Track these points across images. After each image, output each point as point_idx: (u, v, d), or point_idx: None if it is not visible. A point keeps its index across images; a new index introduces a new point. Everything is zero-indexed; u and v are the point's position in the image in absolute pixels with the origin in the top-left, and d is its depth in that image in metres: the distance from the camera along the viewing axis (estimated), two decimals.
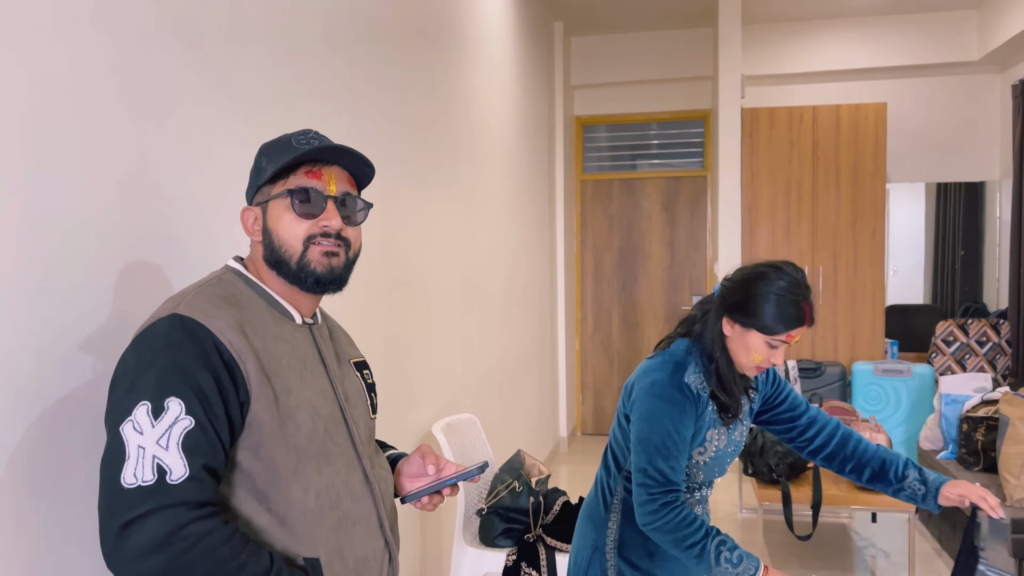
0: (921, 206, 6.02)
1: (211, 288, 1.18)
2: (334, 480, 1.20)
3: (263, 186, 1.24)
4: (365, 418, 1.33)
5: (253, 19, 1.83)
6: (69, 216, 1.27)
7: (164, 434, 1.04)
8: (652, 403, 1.72)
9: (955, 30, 5.68)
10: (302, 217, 1.21)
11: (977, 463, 3.77)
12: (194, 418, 1.05)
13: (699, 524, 1.66)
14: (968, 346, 5.25)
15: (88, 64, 1.31)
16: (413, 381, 2.91)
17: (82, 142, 1.30)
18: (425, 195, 3.05)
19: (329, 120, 2.23)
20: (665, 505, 1.68)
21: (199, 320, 1.11)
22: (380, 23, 2.62)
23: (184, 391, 1.06)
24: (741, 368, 1.78)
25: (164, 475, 1.02)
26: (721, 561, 1.63)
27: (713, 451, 1.80)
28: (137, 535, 1.00)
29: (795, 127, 5.54)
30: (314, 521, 1.16)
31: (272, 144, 1.26)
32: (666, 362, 1.77)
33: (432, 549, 3.14)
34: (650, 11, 5.80)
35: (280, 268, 1.22)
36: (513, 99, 4.62)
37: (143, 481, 1.01)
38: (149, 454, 1.02)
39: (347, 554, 1.20)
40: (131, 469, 1.02)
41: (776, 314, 1.68)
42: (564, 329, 6.24)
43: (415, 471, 1.41)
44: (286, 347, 1.20)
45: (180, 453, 1.04)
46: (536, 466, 3.07)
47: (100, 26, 1.34)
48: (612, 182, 6.65)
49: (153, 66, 1.47)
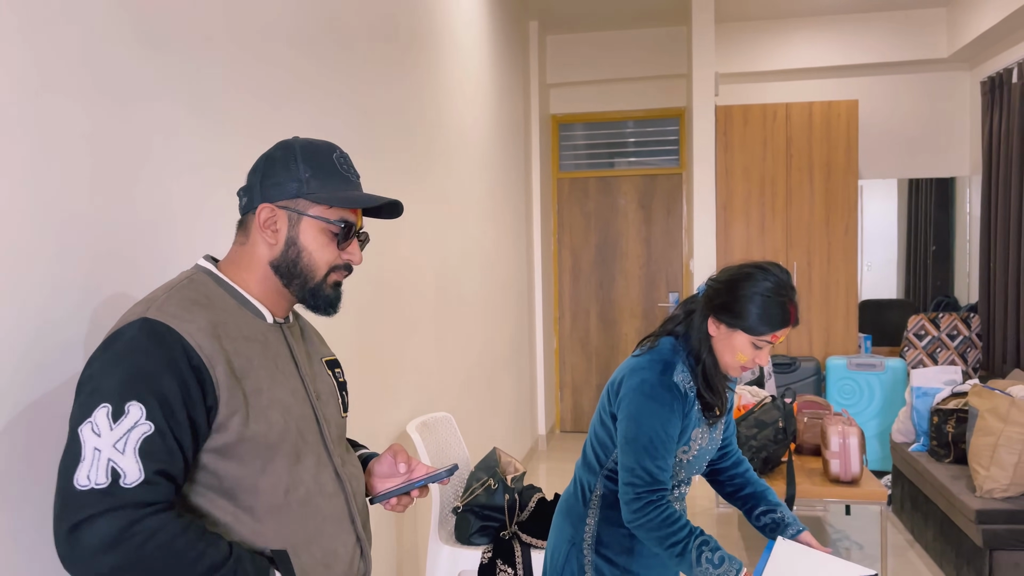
0: (893, 202, 6.09)
1: (181, 290, 1.17)
2: (304, 476, 1.21)
3: (300, 196, 1.23)
4: (336, 416, 1.34)
5: (220, 18, 1.82)
6: (38, 218, 1.25)
7: (122, 438, 1.03)
8: (641, 402, 1.73)
9: (925, 28, 5.75)
10: (337, 246, 1.26)
11: (948, 455, 3.82)
12: (154, 424, 1.05)
13: (683, 524, 1.68)
14: (939, 340, 5.32)
15: (52, 63, 1.29)
16: (388, 380, 2.90)
17: (49, 143, 1.28)
18: (398, 194, 3.05)
19: (298, 118, 2.22)
20: (650, 504, 1.69)
21: (169, 324, 1.10)
22: (350, 20, 2.61)
23: (146, 397, 1.05)
24: (726, 368, 1.79)
25: (118, 478, 1.02)
26: (702, 561, 1.65)
27: (696, 450, 1.82)
28: (88, 535, 0.99)
29: (769, 124, 5.59)
30: (283, 515, 1.17)
31: (316, 153, 1.26)
32: (654, 361, 1.78)
33: (408, 547, 3.14)
34: (625, 10, 5.82)
35: (291, 280, 1.25)
36: (488, 98, 4.62)
37: (96, 483, 1.01)
38: (104, 457, 1.02)
39: (315, 548, 1.20)
40: (84, 471, 1.01)
41: (761, 315, 1.69)
42: (542, 327, 6.25)
43: (386, 471, 1.41)
44: (257, 347, 1.21)
45: (136, 458, 1.03)
46: (512, 463, 3.08)
47: (64, 26, 1.32)
48: (589, 180, 6.67)
49: (118, 66, 1.46)
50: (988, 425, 3.35)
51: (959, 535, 3.46)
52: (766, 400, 3.48)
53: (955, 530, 3.51)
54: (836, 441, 3.17)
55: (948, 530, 3.60)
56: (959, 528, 3.45)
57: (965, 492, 3.42)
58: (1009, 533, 3.21)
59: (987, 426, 3.35)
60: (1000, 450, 3.28)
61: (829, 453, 3.19)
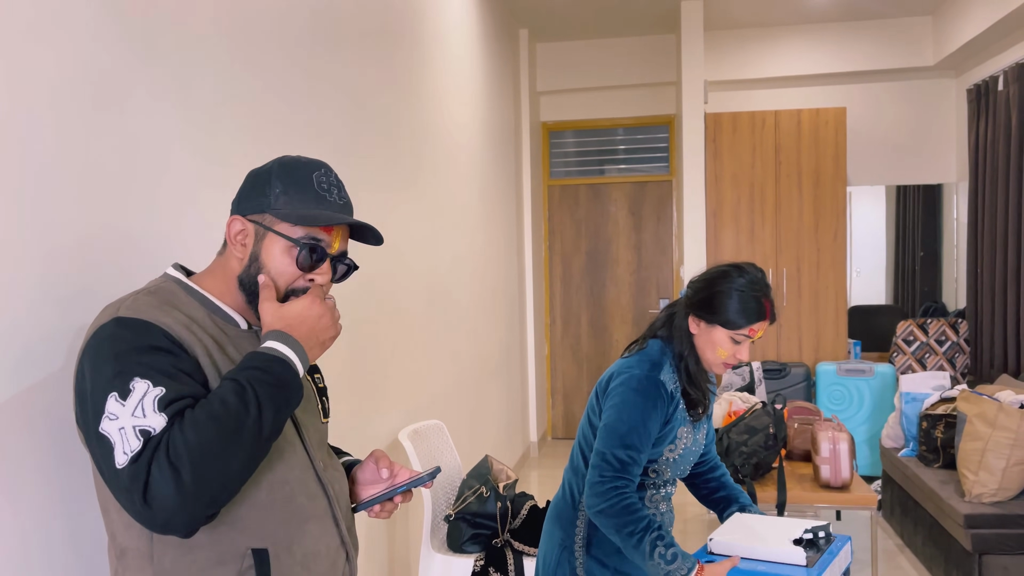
0: (881, 209, 6.13)
1: (148, 296, 1.17)
2: (286, 476, 1.20)
3: (267, 211, 1.21)
4: (315, 422, 1.33)
5: (210, 22, 1.82)
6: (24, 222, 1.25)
7: (137, 406, 1.05)
8: (627, 395, 1.78)
9: (911, 36, 5.80)
10: (299, 268, 1.21)
11: (937, 460, 3.85)
12: (163, 386, 1.07)
13: (642, 516, 1.71)
14: (928, 345, 5.35)
15: (39, 67, 1.29)
16: (378, 388, 2.90)
17: (35, 147, 1.28)
18: (388, 201, 3.05)
19: (288, 124, 2.22)
20: (614, 489, 1.72)
21: (143, 318, 1.11)
22: (339, 28, 2.61)
23: (145, 371, 1.07)
24: (708, 365, 1.85)
25: (149, 435, 1.03)
26: (655, 556, 1.68)
27: (682, 449, 1.87)
28: (155, 489, 1.01)
29: (757, 132, 5.62)
30: (263, 514, 1.17)
31: (292, 172, 1.22)
32: (643, 360, 1.84)
33: (400, 556, 3.13)
34: (614, 18, 5.85)
35: (251, 297, 1.22)
36: (478, 105, 4.63)
37: (132, 451, 1.02)
38: (129, 428, 1.03)
39: (296, 548, 1.20)
40: (120, 451, 1.03)
41: (738, 309, 1.77)
42: (533, 334, 6.26)
43: (369, 478, 1.41)
44: (230, 349, 1.20)
45: (156, 411, 1.05)
46: (503, 471, 3.08)
47: (52, 29, 1.32)
48: (579, 187, 6.69)
49: (106, 69, 1.46)
50: (976, 430, 3.37)
51: (948, 539, 3.48)
52: (756, 406, 3.50)
53: (944, 535, 3.53)
54: (826, 447, 3.19)
55: (937, 535, 3.62)
56: (948, 533, 3.47)
57: (954, 497, 3.44)
58: (997, 537, 3.23)
59: (975, 431, 3.37)
60: (988, 455, 3.30)
61: (819, 459, 3.21)
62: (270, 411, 1.08)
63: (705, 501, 2.11)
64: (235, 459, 1.05)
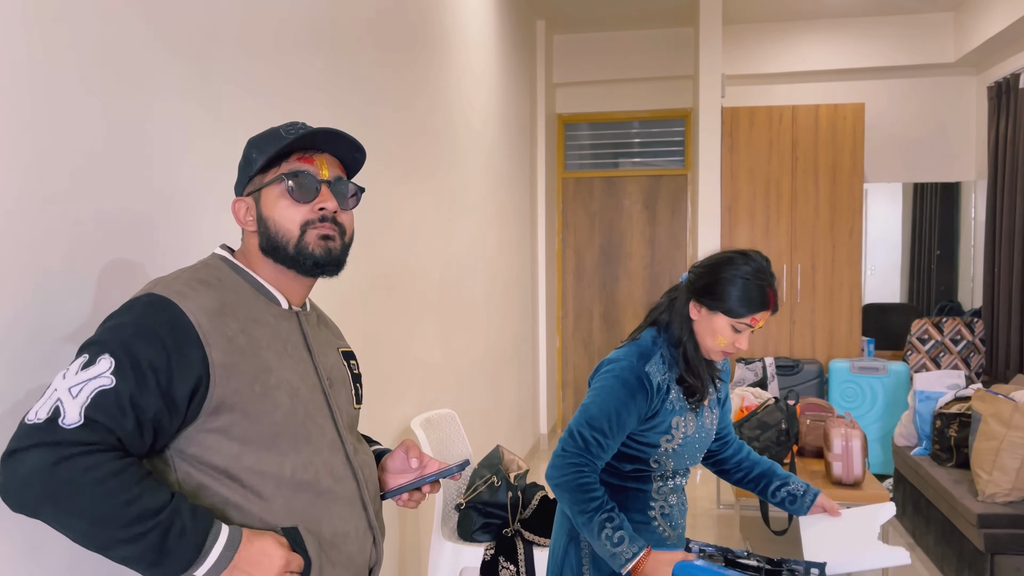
0: (898, 206, 6.08)
1: (193, 272, 1.19)
2: (313, 458, 1.21)
3: (254, 176, 1.25)
4: (348, 406, 1.34)
5: (232, 15, 1.83)
6: (48, 212, 1.26)
7: (79, 384, 1.04)
8: (608, 381, 1.78)
9: (932, 32, 5.74)
10: (298, 202, 1.22)
11: (950, 459, 3.83)
12: (115, 380, 1.04)
13: (596, 496, 1.71)
14: (943, 344, 5.32)
15: (64, 58, 1.30)
16: (392, 376, 2.91)
17: (59, 137, 1.29)
18: (406, 191, 3.05)
19: (308, 116, 2.23)
20: (573, 465, 1.73)
21: (171, 299, 1.12)
22: (359, 20, 2.62)
23: (119, 354, 1.06)
24: (707, 352, 1.82)
25: (57, 417, 1.01)
26: (602, 537, 1.69)
27: (681, 438, 1.83)
28: (18, 463, 0.99)
29: (775, 127, 5.59)
30: (290, 494, 1.17)
31: (261, 136, 1.27)
32: (631, 351, 1.82)
33: (411, 543, 3.14)
34: (632, 10, 5.82)
35: (277, 254, 1.23)
36: (495, 97, 4.63)
37: (37, 419, 1.02)
38: (55, 397, 1.03)
39: (325, 528, 1.21)
40: (36, 407, 1.03)
41: (741, 297, 1.73)
42: (545, 326, 6.26)
43: (398, 467, 1.42)
44: (267, 329, 1.21)
45: (82, 406, 1.02)
46: (515, 461, 3.08)
47: (77, 20, 1.33)
48: (593, 180, 6.68)
49: (131, 61, 1.46)
50: (991, 430, 3.35)
51: (961, 539, 3.47)
52: (769, 402, 3.49)
53: (957, 534, 3.51)
54: (839, 444, 3.17)
55: (950, 534, 3.60)
56: (961, 532, 3.45)
57: (967, 496, 3.42)
58: (1011, 537, 3.21)
59: (990, 431, 3.35)
60: (1003, 455, 3.28)
61: (832, 455, 3.20)
62: (137, 540, 1.01)
63: (742, 484, 2.08)
64: (83, 520, 0.99)
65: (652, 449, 1.81)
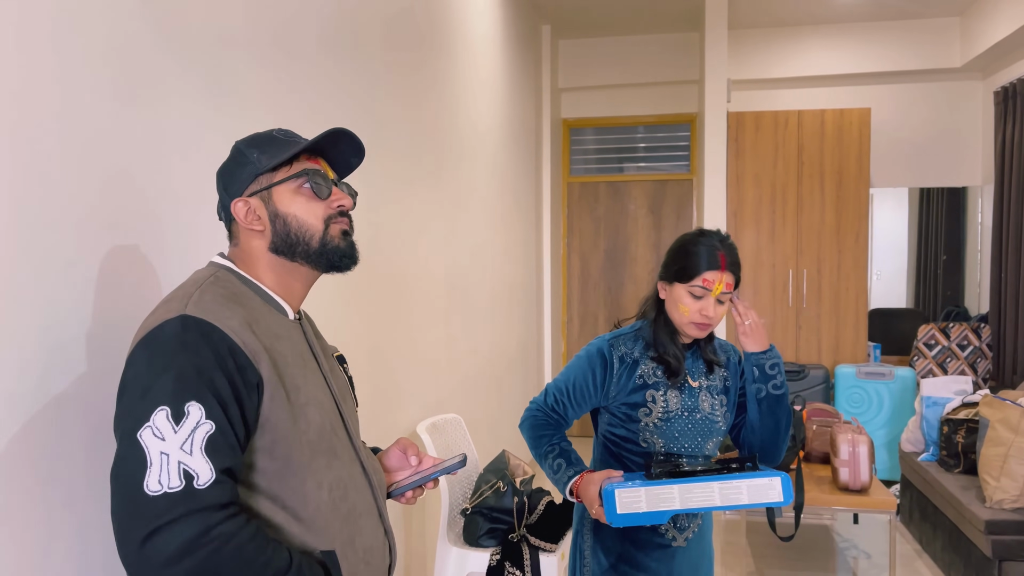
0: (904, 211, 6.07)
1: (213, 287, 1.15)
2: (341, 474, 1.21)
3: (260, 175, 1.22)
4: (353, 412, 1.34)
5: (239, 18, 1.83)
6: (53, 213, 1.26)
7: (187, 439, 1.02)
8: (579, 355, 1.97)
9: (938, 37, 5.74)
10: (320, 198, 1.23)
11: (957, 465, 3.81)
12: (215, 422, 1.04)
13: (549, 434, 1.91)
14: (949, 349, 5.30)
15: (74, 62, 1.31)
16: (398, 381, 2.91)
17: (66, 140, 1.29)
18: (411, 195, 3.06)
19: (315, 120, 2.23)
20: (539, 410, 1.97)
21: (211, 321, 1.09)
22: (365, 24, 2.62)
23: (204, 395, 1.04)
24: (680, 328, 1.88)
25: (191, 480, 1.01)
26: (547, 465, 1.89)
27: (660, 412, 1.85)
28: (166, 541, 0.98)
29: (780, 131, 5.58)
30: (328, 514, 1.17)
31: (257, 137, 1.25)
32: (608, 334, 1.97)
33: (416, 549, 3.14)
34: (638, 15, 5.82)
35: (294, 251, 1.22)
36: (500, 101, 4.63)
37: (169, 488, 1.00)
38: (174, 460, 1.01)
39: (358, 544, 1.21)
40: (155, 476, 1.00)
41: (693, 261, 1.82)
42: (550, 331, 6.25)
43: (395, 465, 1.42)
44: (288, 344, 1.20)
45: (204, 457, 1.02)
46: (520, 466, 3.08)
47: (87, 25, 1.33)
48: (599, 185, 6.67)
49: (139, 64, 1.47)
50: (999, 436, 3.33)
51: (968, 545, 3.45)
52: None
53: (964, 540, 3.49)
54: (846, 449, 3.16)
55: (957, 540, 3.58)
56: (968, 538, 3.43)
57: (975, 502, 3.40)
58: (1018, 544, 3.19)
59: (998, 436, 3.34)
60: (1011, 461, 3.26)
61: (838, 461, 3.19)
62: None
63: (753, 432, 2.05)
64: None
65: (636, 424, 1.87)
